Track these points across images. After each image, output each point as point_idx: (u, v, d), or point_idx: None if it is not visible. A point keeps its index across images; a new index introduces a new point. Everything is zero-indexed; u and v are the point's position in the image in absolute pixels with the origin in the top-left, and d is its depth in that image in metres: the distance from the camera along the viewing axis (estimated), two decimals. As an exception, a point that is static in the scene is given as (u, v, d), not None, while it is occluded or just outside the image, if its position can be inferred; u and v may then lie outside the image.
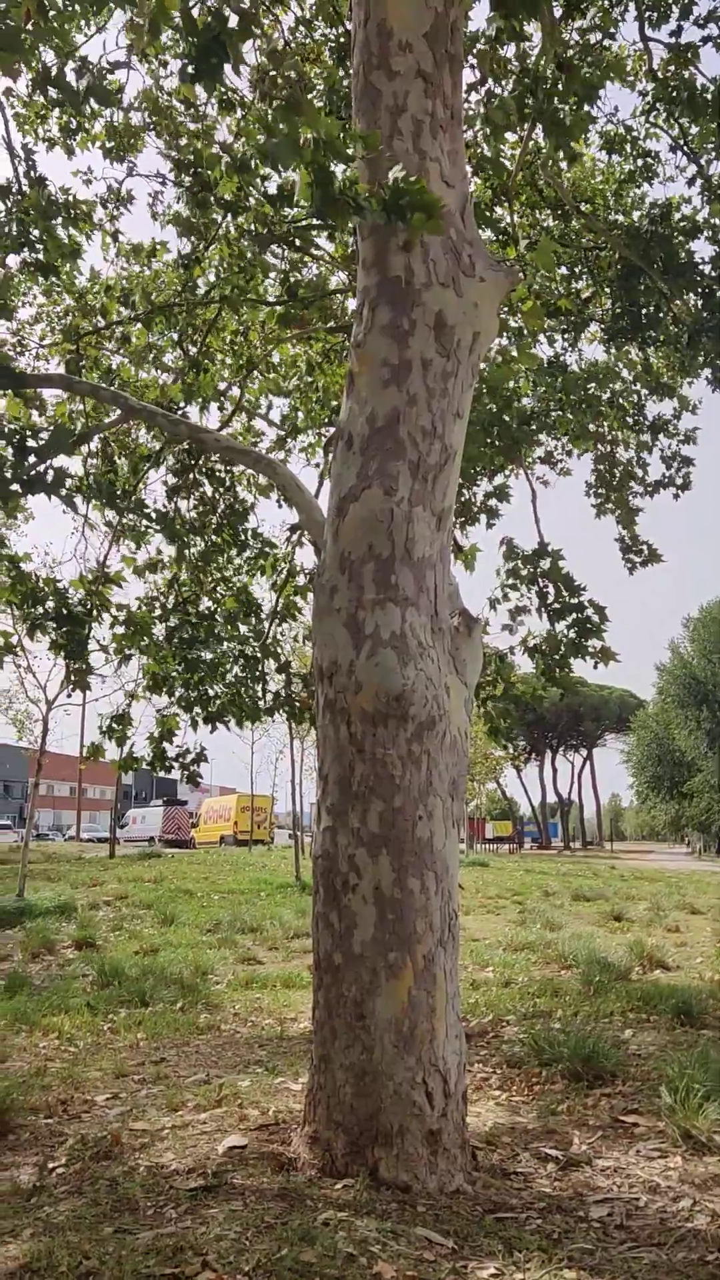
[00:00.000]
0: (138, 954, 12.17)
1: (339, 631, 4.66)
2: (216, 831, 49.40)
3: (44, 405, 8.43)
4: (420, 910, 4.39)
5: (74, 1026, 7.90)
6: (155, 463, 8.59)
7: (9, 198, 6.71)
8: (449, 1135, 4.28)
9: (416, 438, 4.69)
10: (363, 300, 4.84)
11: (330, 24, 7.41)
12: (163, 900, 17.40)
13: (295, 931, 14.11)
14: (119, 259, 9.05)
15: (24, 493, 5.66)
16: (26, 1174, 4.46)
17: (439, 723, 4.63)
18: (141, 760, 8.07)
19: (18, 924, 14.76)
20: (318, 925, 4.59)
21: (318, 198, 3.54)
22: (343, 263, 8.67)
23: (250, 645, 8.86)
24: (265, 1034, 7.81)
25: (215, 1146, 4.63)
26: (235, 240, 8.44)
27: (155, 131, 8.04)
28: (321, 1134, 4.33)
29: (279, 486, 6.32)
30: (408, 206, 3.52)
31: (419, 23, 4.58)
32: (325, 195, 3.49)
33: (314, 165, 3.48)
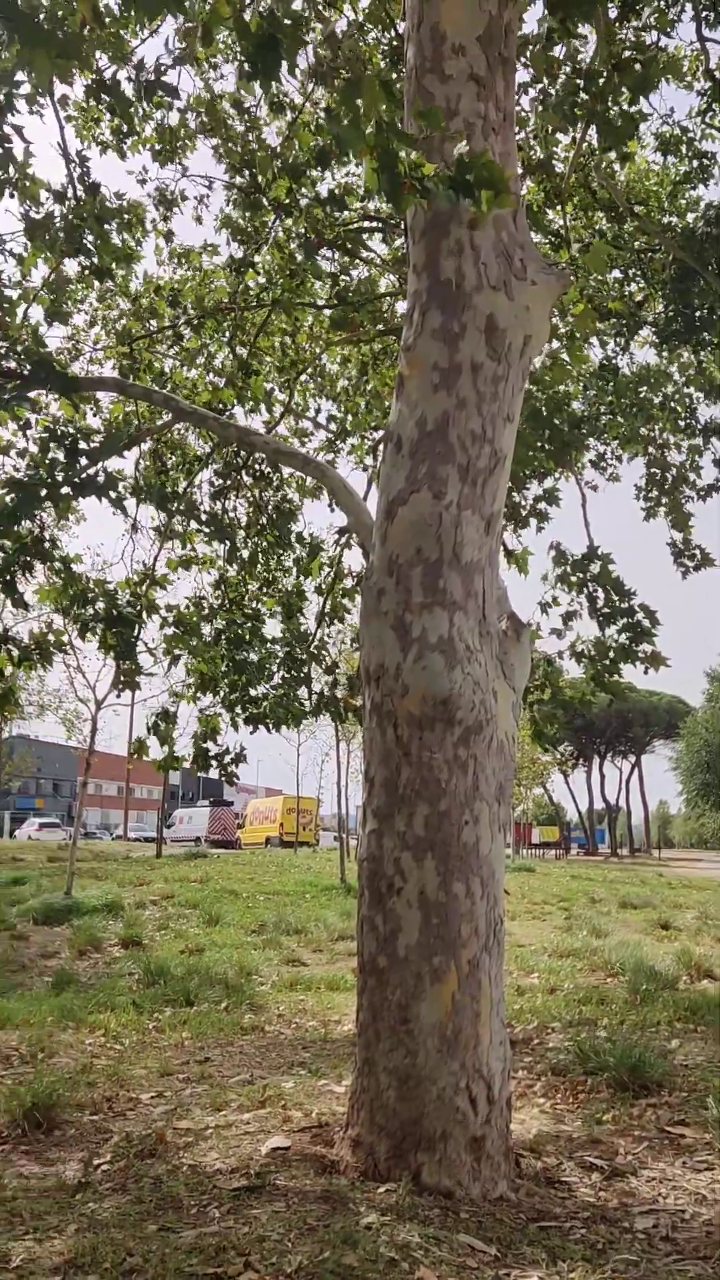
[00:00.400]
0: (183, 953, 12.26)
1: (386, 634, 4.66)
2: (262, 833, 49.60)
3: (99, 408, 8.54)
4: (465, 915, 4.37)
5: (120, 1024, 7.97)
6: (205, 465, 8.66)
7: (64, 203, 6.81)
8: (493, 1142, 4.26)
9: (466, 441, 4.68)
10: (413, 304, 4.84)
11: (382, 28, 7.43)
12: (208, 900, 17.51)
13: (340, 934, 14.13)
14: (170, 261, 9.14)
15: (75, 495, 5.74)
16: (72, 1170, 4.51)
17: (486, 727, 4.61)
18: (183, 760, 8.13)
19: (65, 921, 14.94)
20: (363, 928, 4.58)
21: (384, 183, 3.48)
22: (393, 265, 8.67)
23: (296, 647, 8.89)
24: (309, 1036, 7.82)
25: (259, 1147, 4.65)
26: (285, 243, 8.48)
27: (207, 134, 8.11)
28: (364, 1137, 4.33)
29: (328, 489, 6.34)
30: (475, 183, 3.42)
31: (473, 26, 4.57)
32: (391, 179, 3.44)
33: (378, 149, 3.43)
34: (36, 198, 6.45)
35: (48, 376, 6.07)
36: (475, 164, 3.41)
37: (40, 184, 6.38)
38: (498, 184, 3.43)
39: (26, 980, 10.67)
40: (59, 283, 7.56)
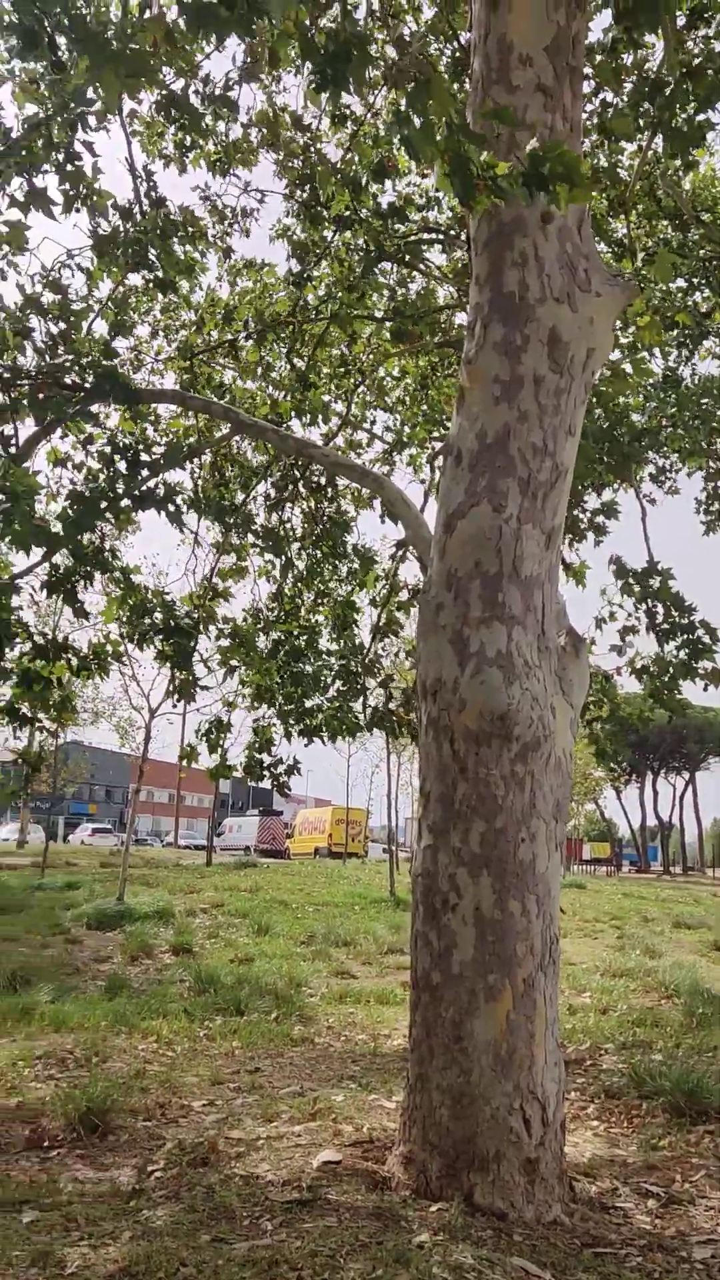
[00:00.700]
0: (233, 962, 12.30)
1: (444, 649, 4.63)
2: (311, 843, 49.60)
3: (158, 421, 8.64)
4: (521, 933, 4.32)
5: (172, 1031, 8.02)
6: (263, 477, 8.72)
7: (130, 218, 6.91)
8: (547, 1164, 4.19)
9: (527, 454, 4.65)
10: (475, 316, 4.82)
11: (445, 40, 7.43)
12: (258, 910, 17.56)
13: (389, 947, 14.07)
14: (231, 275, 9.23)
15: (136, 508, 5.80)
16: (126, 1176, 4.53)
17: (544, 744, 4.56)
18: (235, 768, 8.17)
19: (118, 927, 15.08)
20: (416, 943, 4.56)
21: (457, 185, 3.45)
22: (452, 277, 8.67)
23: (350, 660, 8.89)
24: (359, 1049, 7.79)
25: (310, 1160, 4.63)
26: (345, 256, 8.52)
27: (268, 148, 8.18)
28: (416, 1155, 4.29)
29: (385, 502, 6.34)
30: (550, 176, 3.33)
31: (540, 36, 4.56)
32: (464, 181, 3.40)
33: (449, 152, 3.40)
34: (105, 212, 6.56)
35: (111, 389, 6.16)
36: (550, 156, 3.32)
37: (108, 198, 6.49)
38: (574, 176, 3.33)
39: (80, 984, 10.78)
40: (124, 296, 7.67)
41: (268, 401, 8.96)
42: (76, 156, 5.39)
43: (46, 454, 7.13)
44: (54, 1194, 4.27)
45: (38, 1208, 4.10)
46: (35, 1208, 4.10)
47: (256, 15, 3.04)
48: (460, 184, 3.36)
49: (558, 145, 3.39)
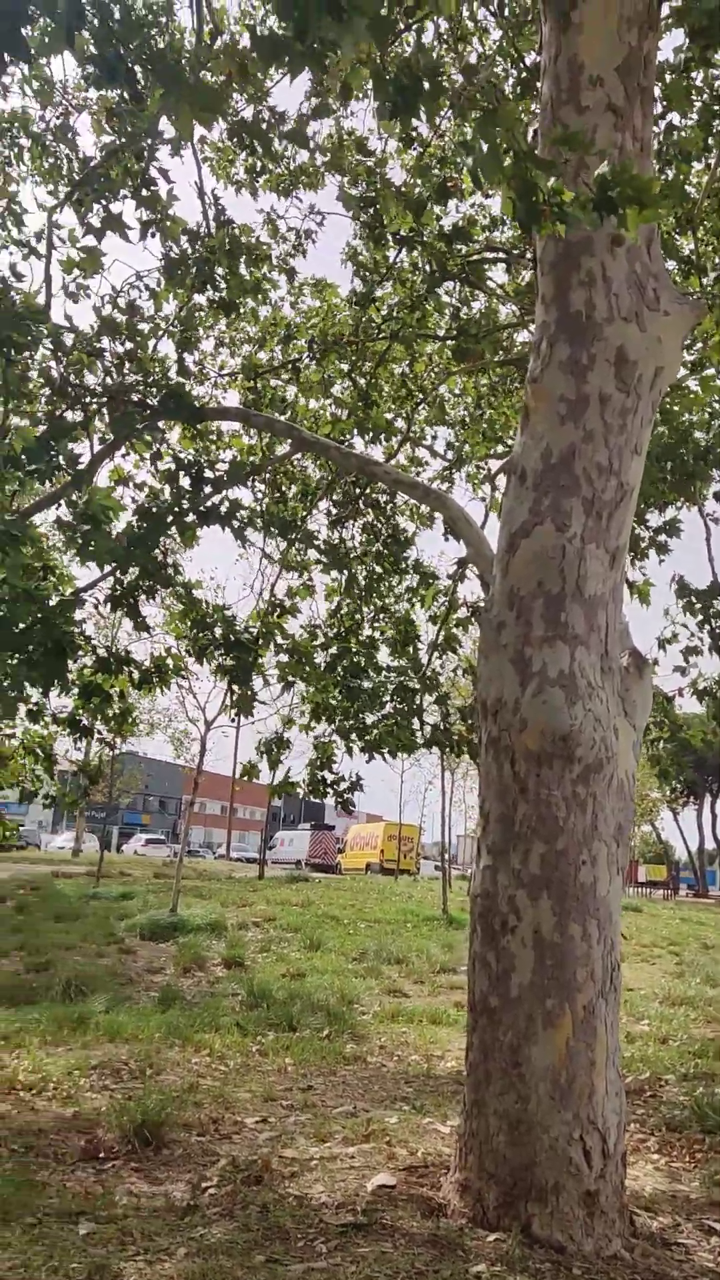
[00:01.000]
0: (284, 977, 12.29)
1: (505, 668, 4.60)
2: (363, 859, 49.46)
3: (220, 437, 8.74)
4: (581, 958, 4.25)
5: (224, 1045, 8.03)
6: (325, 494, 8.77)
7: (197, 241, 7.03)
8: (607, 1197, 4.11)
9: (592, 474, 4.61)
10: (541, 335, 4.81)
11: (511, 63, 7.45)
12: (310, 925, 17.53)
13: (441, 966, 13.95)
14: (296, 294, 9.32)
15: (200, 524, 5.86)
16: (180, 1191, 4.54)
17: (606, 765, 4.50)
18: (297, 785, 8.19)
19: (171, 938, 15.15)
20: (474, 965, 4.51)
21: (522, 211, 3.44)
22: (514, 296, 8.65)
23: (409, 676, 8.87)
24: (412, 1070, 7.72)
25: (364, 1183, 4.59)
26: (408, 276, 8.55)
27: (334, 171, 8.26)
28: (473, 1182, 4.23)
29: (447, 520, 6.33)
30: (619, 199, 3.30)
31: (611, 57, 4.55)
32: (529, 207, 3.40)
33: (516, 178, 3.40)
34: (177, 238, 6.68)
35: (177, 407, 6.25)
36: (619, 179, 3.29)
37: (180, 224, 6.61)
38: (645, 198, 3.30)
39: (134, 994, 10.85)
40: (189, 315, 7.79)
41: (330, 419, 9.01)
42: (152, 183, 5.49)
43: (109, 472, 7.25)
44: (109, 1207, 4.29)
45: (94, 1220, 4.12)
46: (91, 1220, 4.12)
47: (329, 50, 3.07)
48: (525, 210, 3.36)
49: (627, 168, 3.36)
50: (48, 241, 6.80)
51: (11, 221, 6.86)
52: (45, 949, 13.19)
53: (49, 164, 7.17)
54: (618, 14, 4.59)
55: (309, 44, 3.13)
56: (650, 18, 4.70)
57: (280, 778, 8.14)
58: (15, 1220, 4.05)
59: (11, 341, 6.10)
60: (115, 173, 6.36)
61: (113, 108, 5.60)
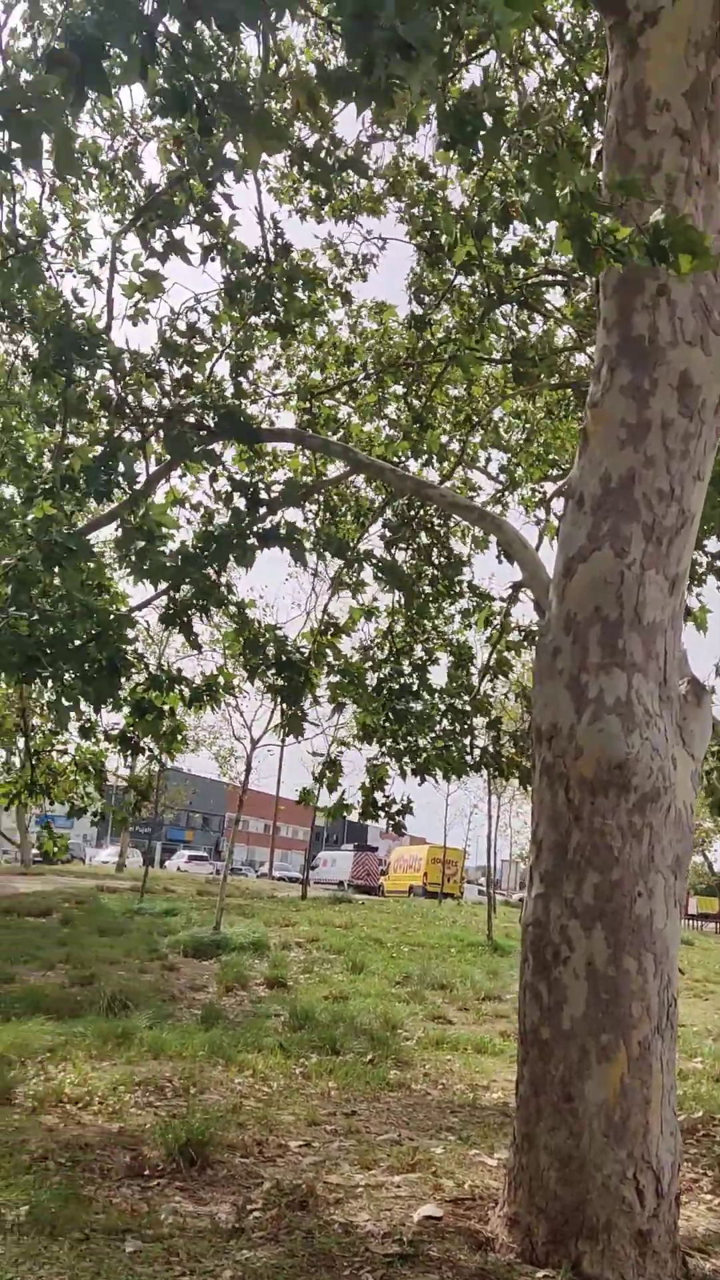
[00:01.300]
0: (327, 999, 12.22)
1: (561, 694, 4.56)
2: (406, 881, 49.18)
3: (275, 457, 8.80)
4: (637, 993, 4.18)
5: (267, 1066, 7.99)
6: (378, 515, 8.79)
7: (255, 265, 7.12)
8: (659, 1238, 4.02)
9: (652, 499, 4.57)
10: (602, 359, 4.78)
11: (574, 89, 7.48)
12: (353, 947, 17.45)
13: (486, 993, 13.79)
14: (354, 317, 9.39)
15: (260, 546, 5.91)
16: (224, 1212, 4.51)
17: (663, 795, 4.43)
18: (351, 808, 8.17)
19: (214, 956, 15.18)
20: (525, 995, 4.45)
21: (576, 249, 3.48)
22: (572, 319, 8.64)
23: (460, 699, 8.83)
24: (457, 1099, 7.63)
25: (410, 1213, 4.54)
26: (466, 299, 8.57)
27: (394, 197, 8.33)
28: (522, 1217, 4.16)
29: (503, 543, 6.31)
30: (671, 248, 3.36)
31: (679, 82, 4.54)
32: (583, 247, 3.43)
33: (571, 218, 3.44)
34: (238, 261, 6.78)
35: (234, 428, 6.31)
36: (673, 228, 3.35)
37: (241, 248, 6.71)
38: (696, 247, 3.37)
39: (177, 1011, 10.86)
40: (246, 338, 7.88)
41: (383, 441, 9.04)
42: (214, 208, 5.58)
43: (165, 494, 7.34)
44: (155, 1225, 4.28)
45: (140, 1238, 4.12)
46: (138, 1238, 4.12)
47: (396, 86, 3.12)
48: (579, 248, 3.40)
49: (682, 220, 3.44)
50: (110, 266, 6.94)
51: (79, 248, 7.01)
52: (90, 962, 13.27)
53: (116, 192, 7.33)
54: (685, 39, 4.58)
55: (376, 80, 3.17)
56: (718, 43, 4.68)
57: (334, 801, 8.15)
58: (63, 1235, 4.06)
59: (72, 363, 6.22)
60: (179, 198, 6.47)
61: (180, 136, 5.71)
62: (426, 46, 2.96)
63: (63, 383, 6.61)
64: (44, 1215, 4.21)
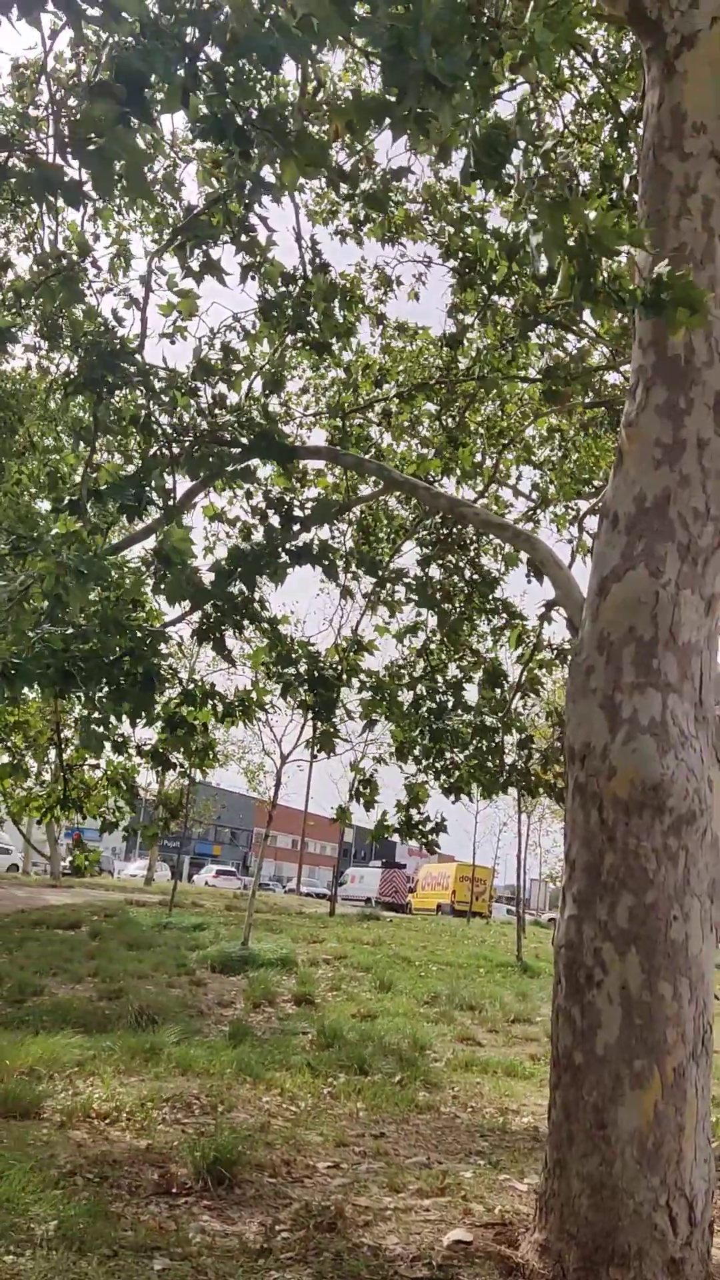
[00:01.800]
0: (355, 1017, 12.17)
1: (594, 714, 4.54)
2: (434, 899, 48.87)
3: (306, 476, 8.85)
4: (671, 1018, 4.13)
5: (295, 1085, 7.96)
6: (411, 534, 8.82)
7: (293, 284, 7.19)
8: (692, 1266, 3.96)
9: (688, 519, 4.55)
10: (637, 379, 4.78)
11: (609, 111, 7.50)
12: (381, 965, 17.36)
13: (515, 1015, 13.67)
14: (387, 337, 9.44)
15: (292, 564, 5.94)
16: (253, 1232, 4.50)
17: (699, 818, 4.39)
18: (391, 828, 8.16)
19: (241, 972, 15.16)
20: (558, 1019, 4.41)
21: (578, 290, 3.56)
22: (608, 339, 8.64)
23: (492, 716, 8.81)
24: (486, 1123, 7.55)
25: (439, 1238, 4.50)
26: (500, 320, 8.60)
27: (431, 219, 8.39)
28: (553, 1244, 4.11)
29: (536, 561, 6.30)
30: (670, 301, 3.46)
31: (715, 104, 4.55)
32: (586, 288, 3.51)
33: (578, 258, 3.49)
34: (275, 281, 6.85)
35: (269, 447, 6.36)
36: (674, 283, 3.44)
37: (278, 268, 6.78)
38: (695, 304, 3.47)
39: (204, 1027, 10.86)
40: (281, 357, 7.95)
41: (416, 459, 9.07)
42: (251, 229, 5.63)
43: (204, 509, 7.40)
44: (183, 1243, 4.27)
45: (168, 1256, 4.11)
46: (166, 1255, 4.11)
47: (431, 118, 3.18)
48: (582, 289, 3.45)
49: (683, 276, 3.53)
50: (146, 285, 7.03)
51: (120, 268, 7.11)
52: (118, 976, 13.31)
53: (155, 213, 7.43)
54: (722, 62, 4.58)
55: (409, 109, 3.22)
56: (755, 64, 4.68)
57: (376, 821, 8.16)
58: (91, 1251, 4.06)
59: (103, 381, 6.29)
60: (216, 219, 6.55)
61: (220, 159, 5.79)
62: (459, 80, 3.00)
63: (94, 400, 6.69)
64: (72, 1231, 4.21)
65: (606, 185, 7.40)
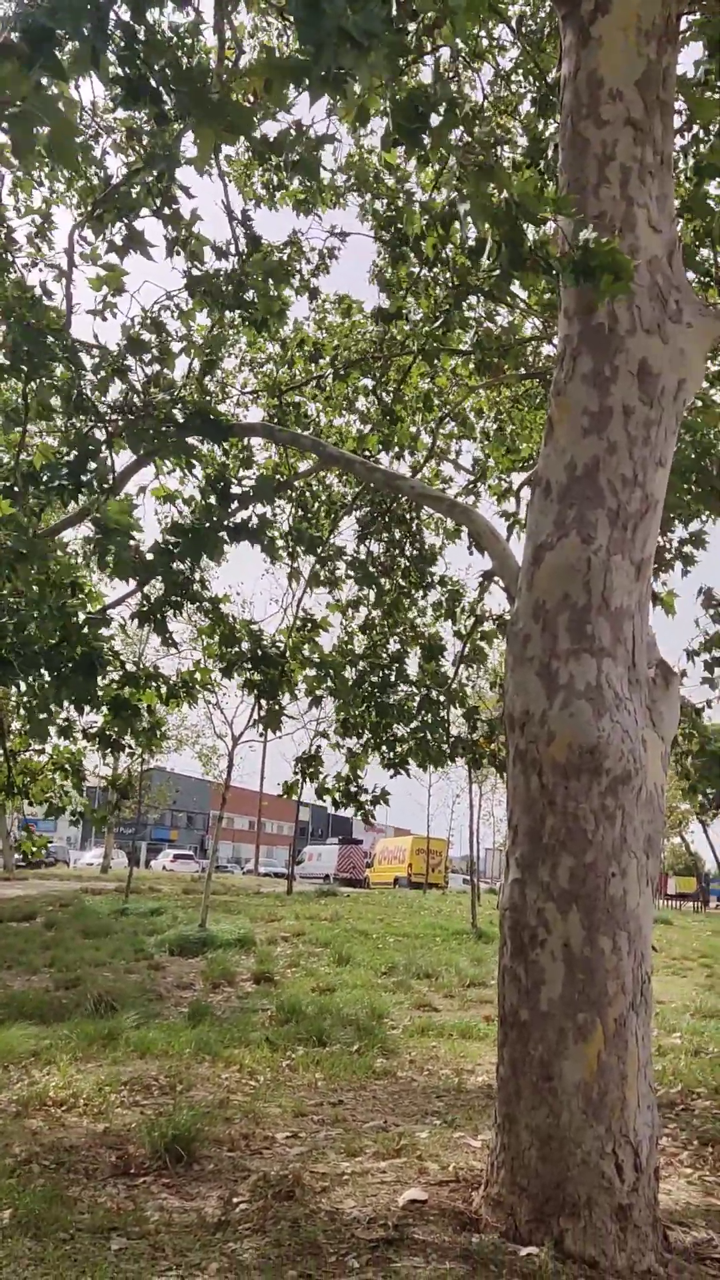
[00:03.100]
0: (314, 992, 12.27)
1: (531, 681, 4.61)
2: (391, 873, 49.39)
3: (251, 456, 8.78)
4: (611, 971, 4.23)
5: (254, 1060, 8.02)
6: (350, 510, 8.81)
7: (227, 258, 7.10)
8: (639, 1212, 4.08)
9: (616, 486, 4.62)
10: (564, 348, 4.83)
11: (531, 78, 7.50)
12: (339, 939, 17.50)
13: (471, 980, 13.88)
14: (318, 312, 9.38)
15: (231, 541, 5.91)
16: (211, 1206, 4.54)
17: (634, 777, 4.49)
18: (332, 792, 8.22)
19: (200, 954, 15.19)
20: (504, 979, 4.50)
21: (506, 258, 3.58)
22: (538, 310, 8.68)
23: (433, 689, 8.88)
24: (442, 1084, 7.69)
25: (395, 1198, 4.58)
26: (432, 292, 8.59)
27: (356, 190, 8.33)
28: (505, 1197, 4.21)
29: (473, 533, 6.34)
30: (598, 268, 3.51)
31: (631, 71, 4.58)
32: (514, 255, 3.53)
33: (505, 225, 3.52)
34: (201, 256, 6.75)
35: (204, 424, 6.31)
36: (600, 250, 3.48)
37: (205, 241, 6.68)
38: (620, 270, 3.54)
39: (164, 1010, 10.87)
40: (218, 335, 7.85)
41: (354, 435, 9.05)
42: (174, 200, 5.55)
43: (154, 491, 7.32)
44: (141, 1222, 4.30)
45: (125, 1235, 4.14)
46: (123, 1235, 4.14)
47: (348, 76, 3.16)
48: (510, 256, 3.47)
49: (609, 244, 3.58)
50: (69, 259, 6.89)
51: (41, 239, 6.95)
52: (75, 965, 13.25)
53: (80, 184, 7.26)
54: (636, 28, 4.62)
55: (326, 69, 3.19)
56: (669, 31, 4.72)
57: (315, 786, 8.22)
58: (48, 1236, 4.08)
59: (31, 359, 6.17)
60: (138, 191, 6.43)
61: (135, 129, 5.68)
62: (375, 38, 2.99)
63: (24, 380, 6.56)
64: (28, 1217, 4.23)
65: (535, 156, 7.40)
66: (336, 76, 3.20)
